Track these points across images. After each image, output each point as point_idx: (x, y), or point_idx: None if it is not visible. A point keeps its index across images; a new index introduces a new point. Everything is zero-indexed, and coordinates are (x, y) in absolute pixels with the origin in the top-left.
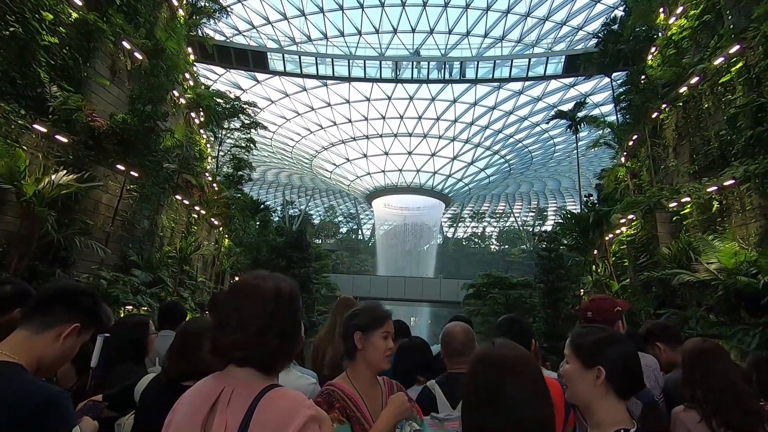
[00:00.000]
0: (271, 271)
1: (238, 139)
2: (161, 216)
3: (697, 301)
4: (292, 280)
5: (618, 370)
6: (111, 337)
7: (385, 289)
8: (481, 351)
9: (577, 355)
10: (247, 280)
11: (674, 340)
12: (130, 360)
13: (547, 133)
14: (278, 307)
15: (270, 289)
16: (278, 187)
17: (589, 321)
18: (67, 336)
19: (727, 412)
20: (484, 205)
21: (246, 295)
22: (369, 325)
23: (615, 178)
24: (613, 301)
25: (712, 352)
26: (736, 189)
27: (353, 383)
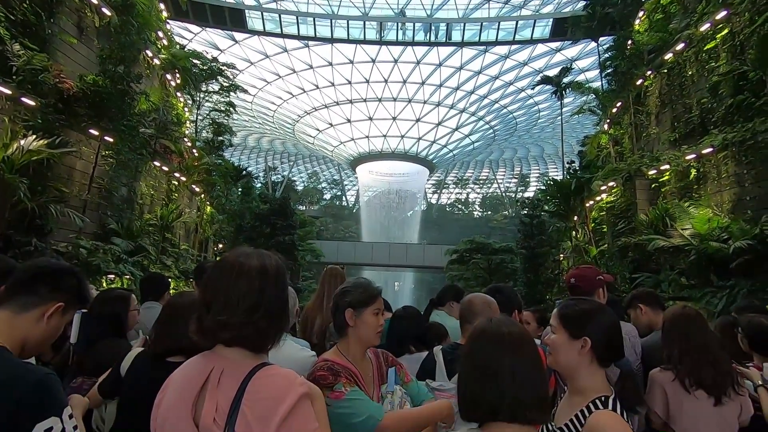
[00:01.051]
0: (255, 238)
1: (217, 102)
2: (140, 183)
3: (670, 265)
4: (278, 256)
5: (602, 340)
6: (91, 312)
7: (369, 255)
8: (480, 327)
9: (564, 325)
10: (231, 258)
11: (656, 304)
12: (111, 335)
13: (531, 99)
14: (265, 285)
15: (255, 267)
16: (260, 152)
17: (572, 287)
18: (50, 316)
19: (701, 372)
20: (468, 172)
21: (231, 274)
22: (360, 302)
23: (597, 145)
24: (597, 270)
25: (692, 317)
26: (714, 157)
27: (346, 357)
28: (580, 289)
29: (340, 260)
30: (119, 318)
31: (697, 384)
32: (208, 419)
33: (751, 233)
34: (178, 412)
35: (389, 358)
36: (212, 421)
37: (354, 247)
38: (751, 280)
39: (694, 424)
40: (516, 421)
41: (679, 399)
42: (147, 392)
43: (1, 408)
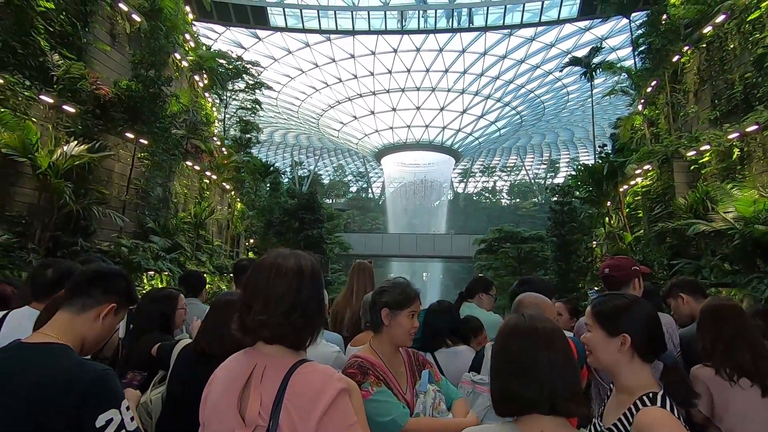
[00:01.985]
0: (284, 232)
1: (243, 100)
2: (173, 182)
3: (711, 250)
4: (313, 256)
5: (642, 335)
6: (140, 309)
7: (397, 246)
8: (513, 322)
9: (599, 323)
10: (269, 259)
11: (698, 293)
12: (158, 330)
13: (560, 81)
14: (301, 286)
15: (292, 268)
16: (286, 148)
17: (606, 277)
18: (105, 316)
19: (737, 357)
20: (495, 159)
21: (270, 275)
22: (397, 303)
23: (631, 127)
24: (632, 260)
25: (727, 308)
26: (759, 134)
27: (378, 354)
28: (614, 279)
29: (368, 252)
30: (167, 316)
31: (737, 371)
32: (253, 413)
33: None
34: (225, 406)
35: (420, 357)
36: (257, 414)
37: (381, 239)
38: None
39: (742, 421)
40: (553, 413)
41: (725, 396)
42: (192, 386)
43: (67, 401)
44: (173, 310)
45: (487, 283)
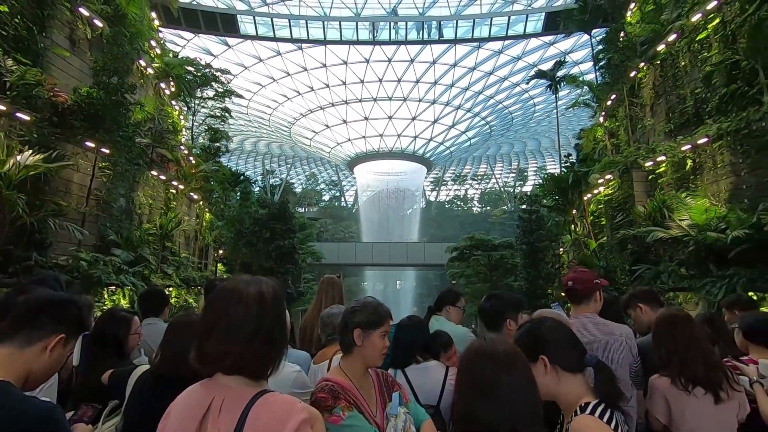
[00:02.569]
0: (255, 243)
1: (213, 108)
2: (138, 193)
3: (669, 256)
4: (276, 282)
5: (555, 350)
6: (94, 334)
7: (370, 255)
8: (476, 345)
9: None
10: (230, 285)
11: (655, 302)
12: (112, 356)
13: (527, 93)
14: (263, 312)
15: (253, 294)
16: (257, 156)
17: (570, 290)
18: (53, 348)
19: (691, 367)
20: (466, 168)
21: (230, 301)
22: (369, 323)
23: (593, 138)
24: (594, 273)
25: (677, 318)
26: (709, 147)
27: (348, 376)
28: (577, 291)
29: (341, 261)
30: (120, 340)
31: (691, 381)
32: None
33: (748, 222)
34: None
35: (389, 378)
36: None
37: (354, 248)
38: (749, 269)
39: (698, 428)
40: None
41: (681, 404)
42: (149, 414)
43: None
44: (126, 334)
45: (455, 295)
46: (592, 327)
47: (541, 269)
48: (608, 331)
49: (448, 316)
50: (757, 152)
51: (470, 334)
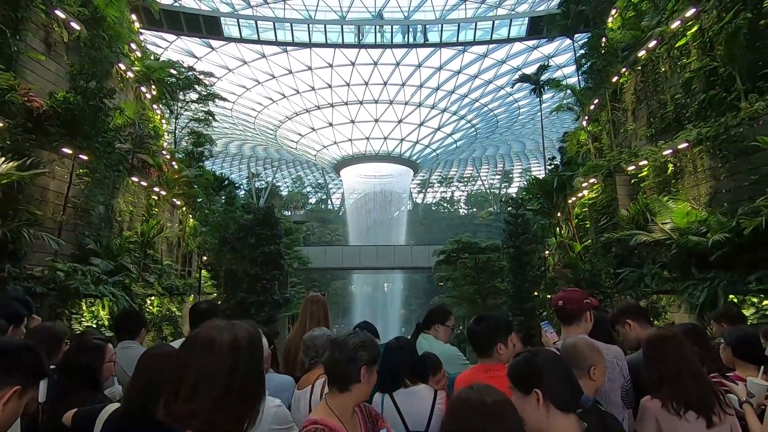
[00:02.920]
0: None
1: (196, 111)
2: (118, 200)
3: (652, 259)
4: (253, 326)
5: (554, 387)
6: (65, 365)
7: (357, 258)
8: (463, 395)
9: (514, 384)
10: (201, 334)
11: (644, 318)
12: (85, 387)
13: (511, 96)
14: (238, 363)
15: (226, 343)
16: (242, 159)
17: (560, 309)
18: (7, 402)
19: (683, 391)
20: (452, 170)
21: (200, 352)
22: (374, 360)
23: (577, 141)
24: (584, 293)
25: (670, 339)
26: (689, 151)
27: (337, 415)
28: (568, 311)
29: (328, 265)
30: (93, 370)
31: (683, 405)
32: None
33: (728, 226)
34: None
35: (373, 412)
36: None
37: (341, 251)
38: (729, 272)
39: None
40: None
41: (672, 427)
42: None
43: None
44: (100, 363)
45: (444, 313)
46: None
47: (528, 272)
48: None
49: (436, 335)
50: (735, 157)
51: (458, 353)
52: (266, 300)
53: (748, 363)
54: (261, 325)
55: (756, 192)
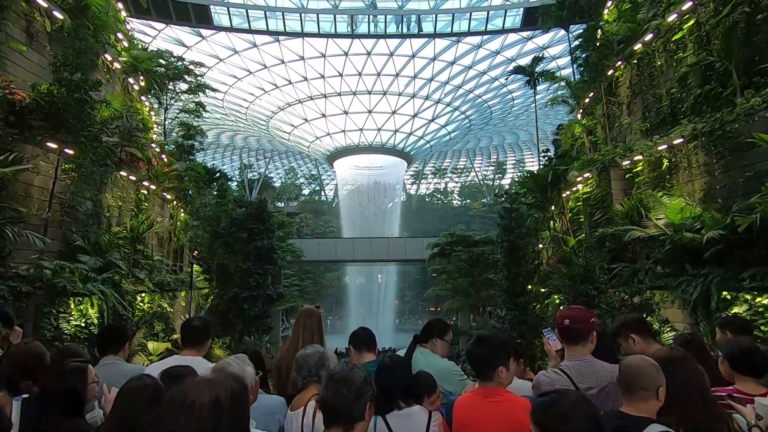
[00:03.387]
0: (232, 243)
1: (186, 102)
2: (106, 195)
3: (646, 254)
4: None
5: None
6: (46, 388)
7: (351, 251)
8: None
9: (538, 427)
10: (180, 394)
11: (647, 333)
12: (66, 414)
13: (505, 87)
14: (219, 424)
15: (206, 404)
16: (234, 150)
17: (567, 329)
18: None
19: (693, 418)
20: (446, 161)
21: (178, 414)
22: (374, 395)
23: (572, 135)
24: (590, 312)
25: (679, 360)
26: (684, 147)
27: None
28: (574, 330)
29: (322, 258)
30: (77, 394)
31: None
32: None
33: (722, 222)
34: None
35: None
36: None
37: (335, 244)
38: (723, 268)
39: None
40: None
41: None
42: None
43: None
44: (84, 385)
45: (442, 327)
46: (590, 371)
47: (522, 266)
48: (606, 376)
49: (434, 349)
50: (730, 153)
51: (456, 369)
52: (259, 295)
53: (746, 376)
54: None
55: (750, 188)
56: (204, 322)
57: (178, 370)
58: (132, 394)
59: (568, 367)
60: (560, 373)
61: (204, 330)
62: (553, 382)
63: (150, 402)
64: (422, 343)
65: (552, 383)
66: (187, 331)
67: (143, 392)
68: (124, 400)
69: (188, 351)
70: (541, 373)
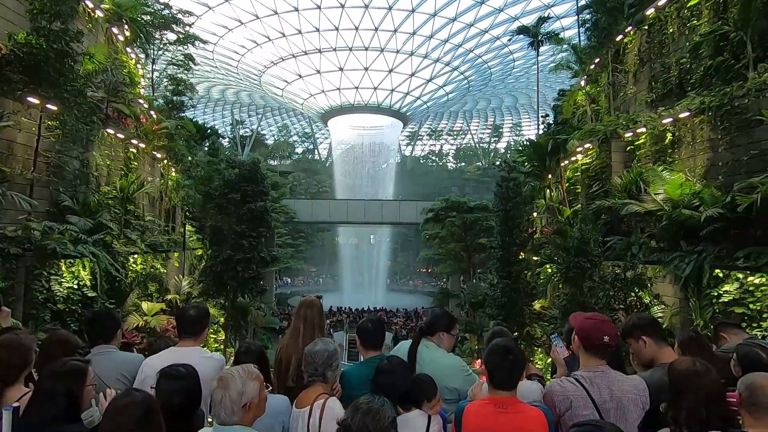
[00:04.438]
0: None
1: (175, 54)
2: (93, 153)
3: (641, 228)
4: None
5: None
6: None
7: (344, 213)
8: None
9: None
10: None
11: (659, 336)
12: (60, 419)
13: (506, 47)
14: None
15: None
16: (225, 105)
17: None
18: None
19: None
20: (442, 123)
21: None
22: None
23: (574, 102)
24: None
25: (700, 374)
26: (690, 121)
27: None
28: (611, 348)
29: (315, 219)
30: (73, 396)
31: None
32: None
33: (722, 200)
34: None
35: None
36: None
37: (329, 206)
38: (718, 246)
39: None
40: None
41: None
42: None
43: None
44: (81, 387)
45: (450, 321)
46: (605, 383)
47: (516, 236)
48: (622, 388)
49: (440, 343)
50: (736, 130)
51: (463, 365)
52: (253, 257)
53: None
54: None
55: (753, 167)
56: (200, 311)
57: (178, 371)
58: (120, 416)
59: (584, 377)
60: (575, 383)
61: (200, 319)
62: (567, 392)
63: (140, 421)
64: (428, 336)
65: (566, 393)
66: (183, 321)
67: (132, 411)
68: (112, 423)
69: (185, 341)
70: (555, 382)
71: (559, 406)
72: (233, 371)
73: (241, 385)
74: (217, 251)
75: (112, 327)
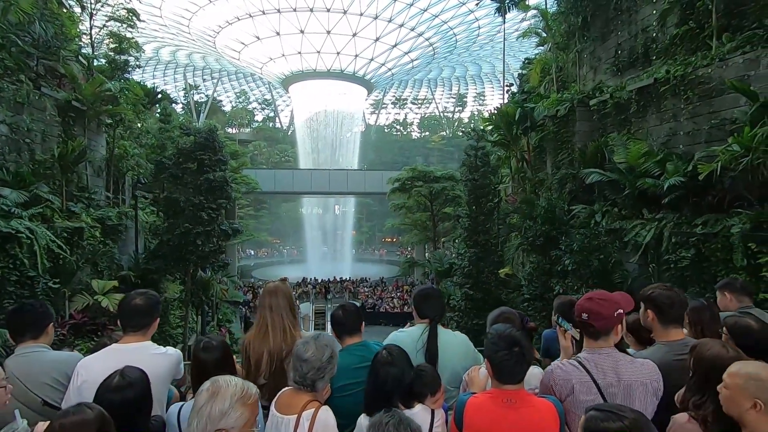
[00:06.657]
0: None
1: (115, 7)
2: (24, 117)
3: (604, 196)
4: None
5: None
6: None
7: (309, 183)
8: None
9: None
10: None
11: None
12: None
13: (472, 13)
14: None
15: None
16: (177, 68)
17: (584, 324)
18: None
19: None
20: (406, 91)
21: None
22: None
23: (541, 70)
24: (614, 302)
25: (731, 360)
26: (654, 89)
27: None
28: (592, 328)
29: (278, 189)
30: None
31: None
32: None
33: (683, 170)
34: None
35: None
36: None
37: (292, 175)
38: (678, 213)
39: None
40: None
41: None
42: None
43: None
44: None
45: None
46: (611, 366)
47: (482, 205)
48: (631, 371)
49: None
50: (699, 99)
51: (470, 345)
52: (213, 230)
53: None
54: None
55: (714, 136)
56: (149, 300)
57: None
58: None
59: (587, 359)
60: (577, 366)
61: (149, 310)
62: (570, 375)
63: None
64: None
65: (568, 376)
66: (127, 312)
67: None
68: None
69: (130, 337)
70: (555, 364)
71: (560, 391)
72: (231, 381)
73: (228, 406)
74: (174, 224)
75: (40, 321)
